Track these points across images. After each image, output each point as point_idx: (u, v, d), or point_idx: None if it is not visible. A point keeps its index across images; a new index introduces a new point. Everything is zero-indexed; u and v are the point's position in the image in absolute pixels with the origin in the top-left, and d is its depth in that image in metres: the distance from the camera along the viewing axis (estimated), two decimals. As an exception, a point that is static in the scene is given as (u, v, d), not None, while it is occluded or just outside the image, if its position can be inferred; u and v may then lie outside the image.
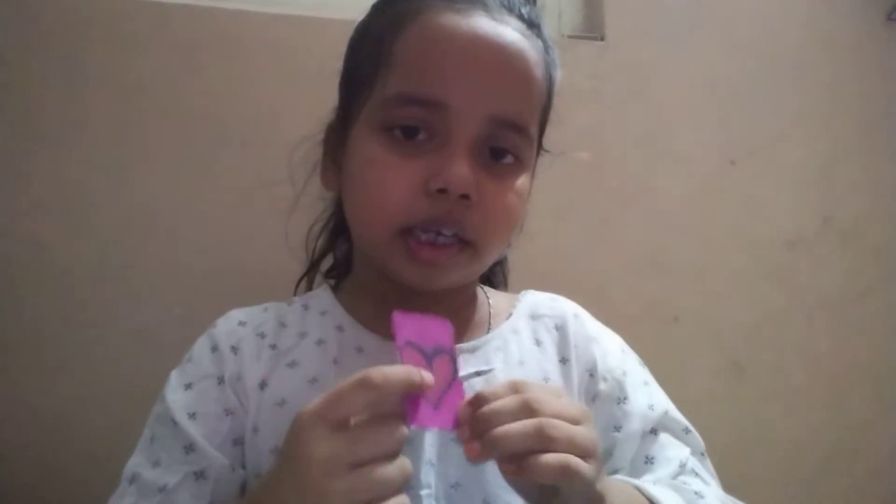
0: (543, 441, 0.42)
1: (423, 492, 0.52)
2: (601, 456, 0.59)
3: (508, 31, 0.56)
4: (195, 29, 0.83)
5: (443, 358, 0.47)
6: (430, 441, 0.54)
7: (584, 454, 0.43)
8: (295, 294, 0.73)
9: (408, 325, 0.46)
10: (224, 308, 0.64)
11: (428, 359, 0.46)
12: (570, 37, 1.01)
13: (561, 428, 0.43)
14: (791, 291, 1.04)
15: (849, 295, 1.06)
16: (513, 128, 0.56)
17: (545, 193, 0.93)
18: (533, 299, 0.68)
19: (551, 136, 0.85)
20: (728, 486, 0.61)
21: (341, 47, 0.67)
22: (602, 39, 0.99)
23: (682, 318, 0.99)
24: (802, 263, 1.05)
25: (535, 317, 0.66)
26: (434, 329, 0.48)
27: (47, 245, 0.77)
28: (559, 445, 0.42)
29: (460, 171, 0.52)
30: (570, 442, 0.42)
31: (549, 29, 0.63)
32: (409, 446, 0.52)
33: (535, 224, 0.80)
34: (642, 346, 0.69)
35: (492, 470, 0.52)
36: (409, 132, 0.54)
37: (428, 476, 0.52)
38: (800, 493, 1.01)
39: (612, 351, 0.65)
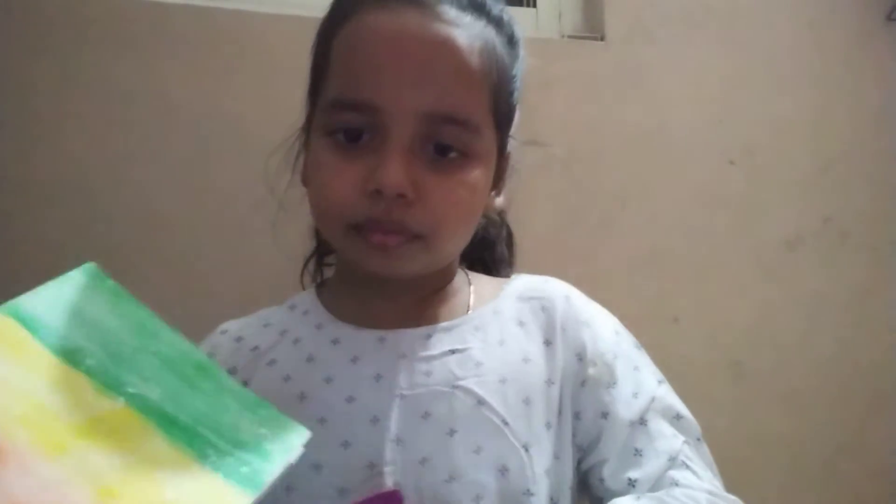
0: None
1: (387, 468, 0.52)
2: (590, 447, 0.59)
3: (435, 25, 0.55)
4: (194, 29, 0.83)
5: None
6: (396, 418, 0.54)
7: None
8: (301, 280, 0.74)
9: None
10: (224, 308, 0.64)
11: None
12: (570, 37, 1.01)
13: None
14: (791, 291, 1.04)
15: (849, 294, 1.06)
16: (451, 122, 0.55)
17: (545, 193, 0.94)
18: (523, 282, 0.67)
19: (551, 134, 0.85)
20: (728, 487, 0.60)
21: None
22: (602, 39, 0.99)
23: (682, 318, 0.99)
24: (802, 263, 1.05)
25: (522, 298, 0.65)
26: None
27: (47, 245, 0.78)
28: None
29: (391, 171, 0.53)
30: None
31: (500, 7, 0.61)
32: (374, 425, 0.54)
33: (534, 223, 0.81)
34: (642, 346, 0.69)
35: (460, 443, 0.54)
36: (352, 135, 0.55)
37: (393, 453, 0.53)
38: (800, 493, 1.01)
39: (603, 335, 0.63)
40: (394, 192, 0.53)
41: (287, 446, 0.43)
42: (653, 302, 0.97)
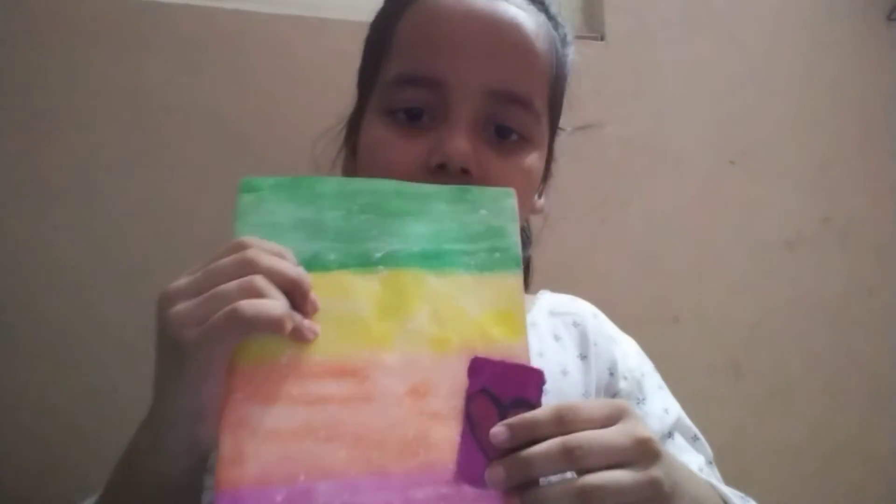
0: (573, 461, 0.38)
1: None
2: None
3: (504, 6, 0.55)
4: (196, 28, 0.83)
5: (521, 413, 0.41)
6: None
7: (631, 459, 0.39)
8: None
9: (486, 370, 0.42)
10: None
11: (503, 410, 0.41)
12: (570, 37, 1.01)
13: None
14: (791, 291, 1.04)
15: (849, 295, 1.06)
16: (514, 101, 0.55)
17: (545, 193, 0.93)
18: (551, 298, 0.69)
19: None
20: (728, 486, 0.61)
21: (341, 47, 0.67)
22: (602, 39, 0.99)
23: (682, 318, 0.99)
24: (802, 263, 1.05)
25: (553, 314, 0.65)
26: (519, 377, 0.42)
27: (50, 245, 0.77)
28: (593, 460, 0.38)
29: (458, 144, 0.52)
30: (606, 453, 0.38)
31: (557, 7, 0.62)
32: None
33: (534, 223, 0.80)
34: (642, 346, 0.69)
35: None
36: (413, 115, 0.55)
37: None
38: (799, 493, 1.01)
39: (630, 353, 0.65)
40: (459, 164, 0.52)
41: (507, 212, 0.46)
42: (653, 302, 0.97)
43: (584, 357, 0.62)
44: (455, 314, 0.43)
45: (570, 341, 0.63)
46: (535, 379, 0.42)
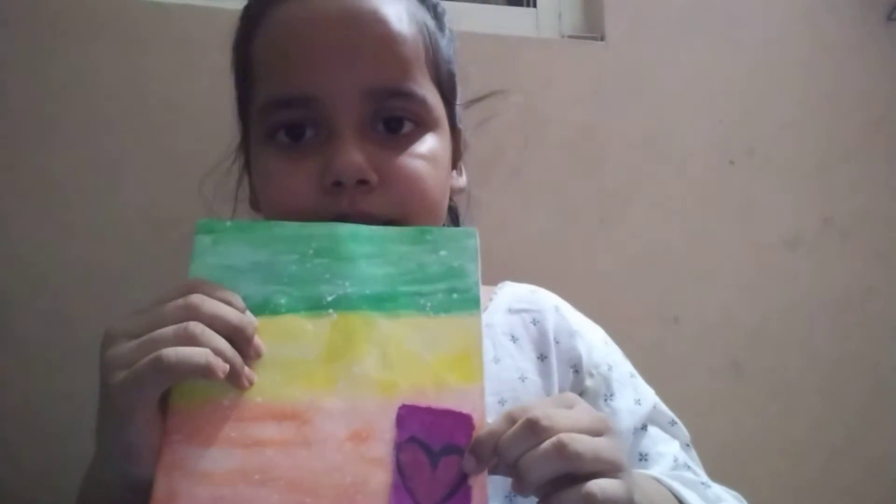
0: (566, 459, 0.38)
1: None
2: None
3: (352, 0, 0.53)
4: (196, 28, 0.83)
5: (453, 459, 0.41)
6: None
7: (613, 469, 0.39)
8: None
9: (415, 418, 0.41)
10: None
11: (433, 458, 0.41)
12: (570, 37, 1.01)
13: (584, 441, 0.38)
14: (791, 291, 1.04)
15: (849, 295, 1.06)
16: (395, 94, 0.53)
17: (545, 193, 0.94)
18: (511, 292, 0.66)
19: (551, 134, 0.84)
20: (727, 486, 0.61)
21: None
22: (602, 39, 0.99)
23: (682, 318, 0.98)
24: (802, 263, 1.05)
25: (512, 311, 0.64)
26: (449, 423, 0.42)
27: (47, 245, 0.78)
28: (585, 462, 0.38)
29: (348, 158, 0.50)
30: (596, 457, 0.38)
31: None
32: None
33: (534, 223, 0.81)
34: (642, 346, 0.69)
35: None
36: (296, 134, 0.53)
37: None
38: (799, 494, 1.01)
39: (596, 344, 0.63)
40: (354, 178, 0.50)
41: (468, 252, 0.45)
42: (653, 302, 0.97)
43: (543, 357, 0.60)
44: (405, 358, 0.42)
45: (527, 341, 0.61)
46: (465, 424, 0.42)
